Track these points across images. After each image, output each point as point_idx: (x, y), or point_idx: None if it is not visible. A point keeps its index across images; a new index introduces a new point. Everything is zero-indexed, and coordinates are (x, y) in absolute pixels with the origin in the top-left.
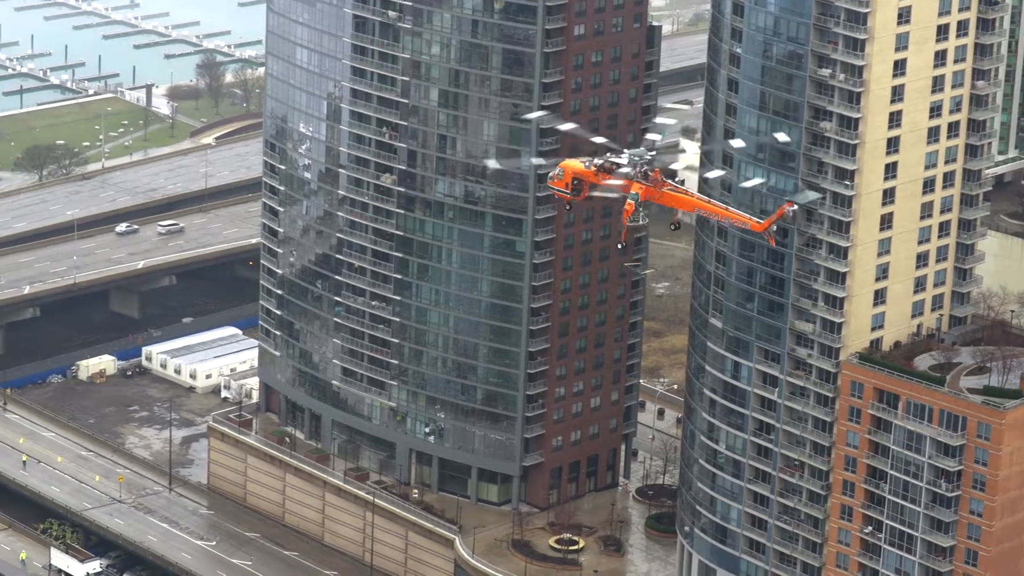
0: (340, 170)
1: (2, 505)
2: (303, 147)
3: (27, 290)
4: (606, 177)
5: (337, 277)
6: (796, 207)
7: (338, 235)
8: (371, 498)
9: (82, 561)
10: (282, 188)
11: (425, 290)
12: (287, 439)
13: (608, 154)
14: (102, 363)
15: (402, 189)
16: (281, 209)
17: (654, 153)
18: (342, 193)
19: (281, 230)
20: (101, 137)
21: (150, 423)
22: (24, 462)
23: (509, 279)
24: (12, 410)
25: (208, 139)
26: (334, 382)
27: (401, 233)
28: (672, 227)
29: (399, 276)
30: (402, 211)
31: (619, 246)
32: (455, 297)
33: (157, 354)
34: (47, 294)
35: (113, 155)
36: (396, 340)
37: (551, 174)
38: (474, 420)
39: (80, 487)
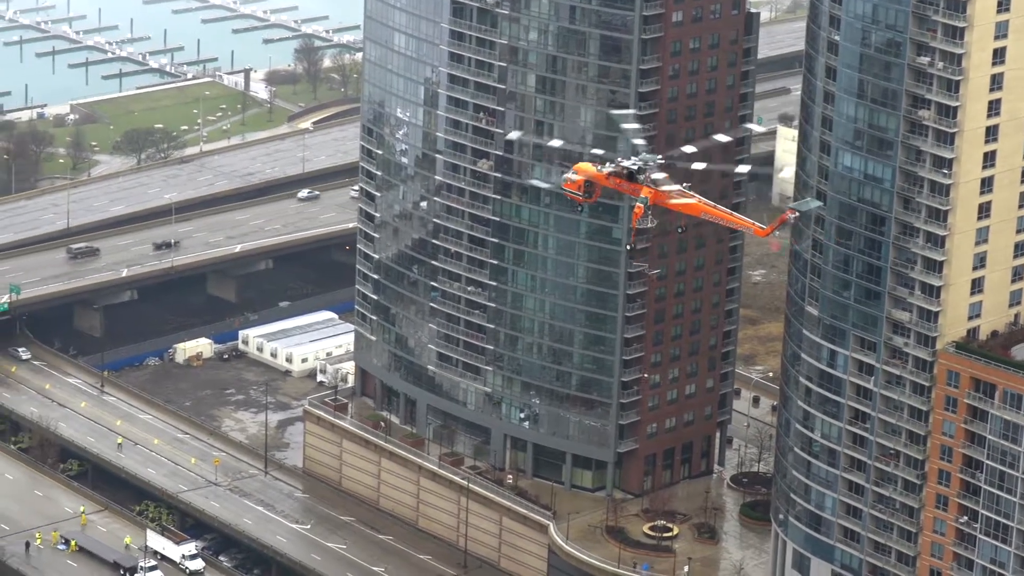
0: (437, 155)
1: (99, 487)
2: (400, 132)
3: (124, 273)
4: (618, 181)
5: (433, 262)
6: (797, 214)
7: (434, 220)
8: (466, 483)
9: (177, 543)
10: (379, 173)
11: (521, 276)
12: (382, 423)
13: (619, 159)
14: (199, 346)
15: (499, 175)
16: (378, 194)
17: (660, 159)
18: (439, 179)
19: (378, 215)
20: (199, 121)
21: (246, 406)
22: (119, 444)
23: (605, 265)
24: (109, 392)
25: (306, 124)
26: (429, 367)
27: (497, 219)
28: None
29: (495, 262)
30: (498, 197)
31: (627, 247)
32: (551, 283)
33: (254, 337)
34: (145, 277)
35: (211, 139)
36: (492, 326)
37: (564, 176)
38: (569, 406)
39: (176, 469)
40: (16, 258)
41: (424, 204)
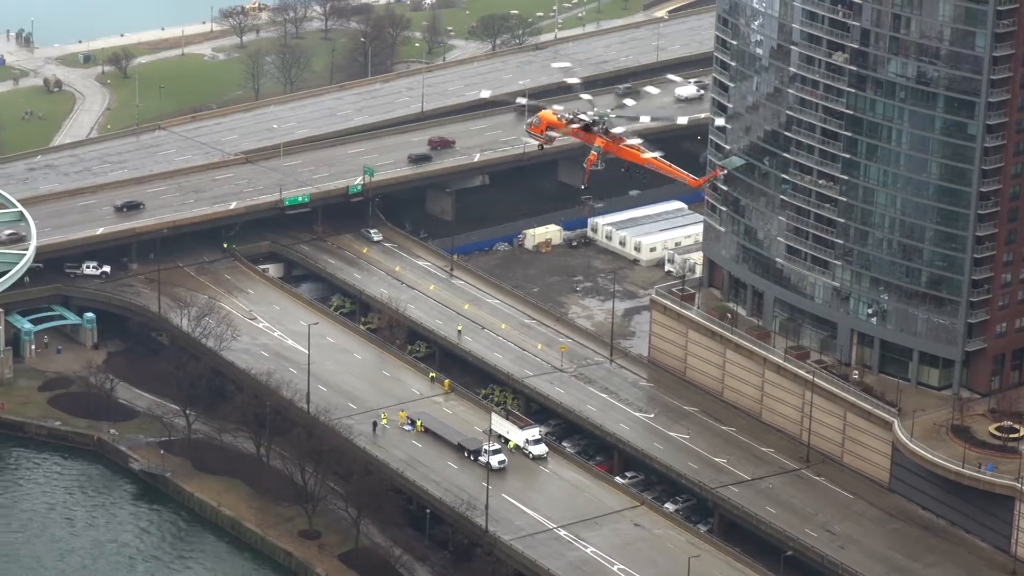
0: (792, 47)
1: (445, 369)
2: (755, 23)
3: (477, 158)
4: (575, 130)
5: (785, 155)
6: (726, 171)
7: (787, 112)
8: (811, 377)
9: (522, 428)
10: (733, 64)
11: (873, 170)
12: (729, 315)
13: (578, 112)
14: (548, 232)
15: (854, 68)
16: (731, 84)
17: (613, 115)
18: (793, 70)
19: (730, 106)
20: (555, 8)
21: (593, 294)
22: (459, 331)
23: (959, 162)
24: (459, 276)
25: (661, 12)
26: (778, 259)
27: (851, 112)
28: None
29: (847, 155)
30: (853, 90)
31: (582, 186)
32: (903, 178)
33: (603, 225)
34: (497, 162)
35: (566, 26)
36: (842, 220)
37: (528, 120)
38: (917, 303)
39: (522, 355)
40: (371, 140)
41: (782, 92)
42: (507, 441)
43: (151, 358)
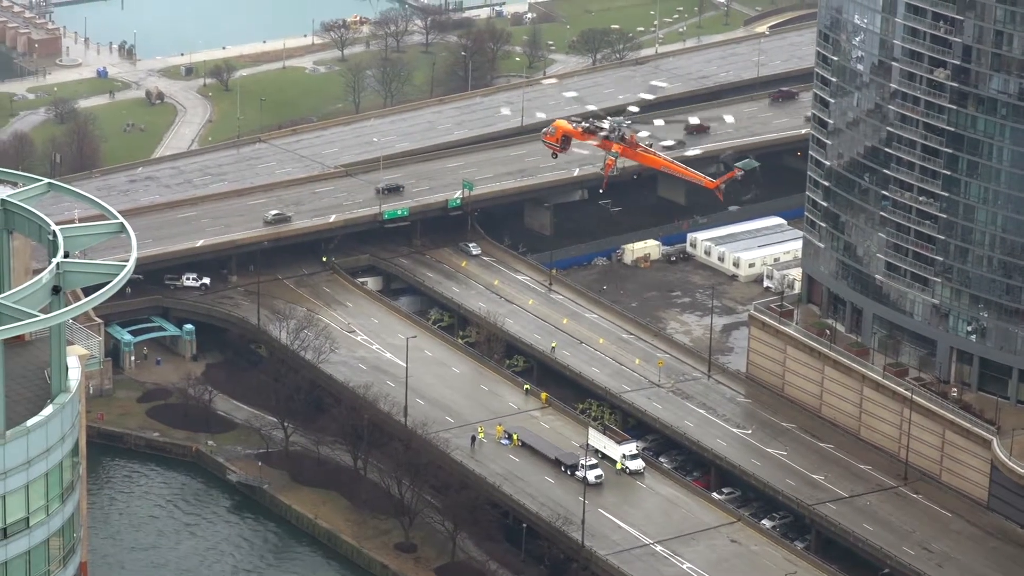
0: (893, 63)
1: (543, 383)
2: (856, 39)
3: (576, 172)
4: (590, 137)
5: (885, 171)
6: (742, 172)
7: (888, 128)
8: (909, 395)
9: (619, 443)
10: (834, 79)
11: (974, 187)
12: (827, 331)
13: (593, 119)
14: (647, 247)
15: (955, 84)
16: (832, 100)
17: (629, 122)
18: (894, 86)
19: (831, 121)
20: (655, 23)
21: (692, 309)
22: (553, 348)
23: None
24: (557, 290)
25: (762, 28)
26: (877, 276)
27: (952, 129)
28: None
29: (948, 172)
30: (954, 107)
31: (600, 191)
32: (1004, 196)
33: (702, 241)
34: (596, 177)
35: (666, 41)
36: (942, 237)
37: (544, 130)
38: (1018, 321)
39: (620, 369)
40: (470, 154)
41: (883, 108)
42: (614, 462)
43: (250, 370)
